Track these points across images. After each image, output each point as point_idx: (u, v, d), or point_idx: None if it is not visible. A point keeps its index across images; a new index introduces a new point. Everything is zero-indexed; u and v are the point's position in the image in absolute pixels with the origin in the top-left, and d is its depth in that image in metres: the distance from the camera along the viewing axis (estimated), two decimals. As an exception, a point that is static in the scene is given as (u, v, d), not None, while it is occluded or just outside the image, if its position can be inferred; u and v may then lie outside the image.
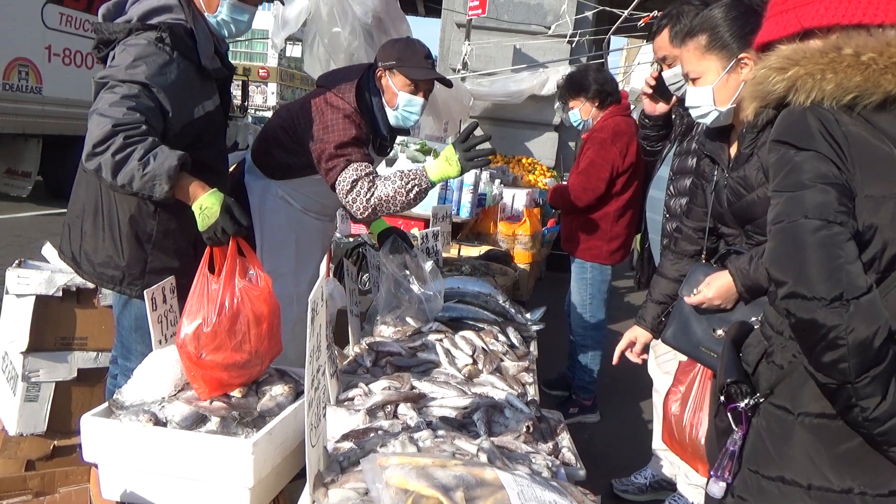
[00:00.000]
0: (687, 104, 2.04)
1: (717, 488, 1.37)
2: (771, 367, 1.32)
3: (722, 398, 1.36)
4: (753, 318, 1.67)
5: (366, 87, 2.53)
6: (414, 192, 2.34)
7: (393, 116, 2.58)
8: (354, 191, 2.35)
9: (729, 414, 1.35)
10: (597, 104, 3.68)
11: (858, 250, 1.12)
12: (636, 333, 2.31)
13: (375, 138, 2.62)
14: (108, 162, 1.77)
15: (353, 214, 2.44)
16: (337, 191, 2.41)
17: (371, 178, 2.37)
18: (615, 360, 2.34)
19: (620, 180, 3.66)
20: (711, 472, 1.39)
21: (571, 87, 3.74)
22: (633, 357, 2.33)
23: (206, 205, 1.84)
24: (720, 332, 1.87)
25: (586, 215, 3.72)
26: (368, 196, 2.34)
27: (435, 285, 2.62)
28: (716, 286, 1.92)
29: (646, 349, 2.37)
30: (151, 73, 1.88)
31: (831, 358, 1.10)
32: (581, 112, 3.70)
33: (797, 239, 1.13)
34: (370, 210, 2.37)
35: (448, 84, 2.67)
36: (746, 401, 1.33)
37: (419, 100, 2.55)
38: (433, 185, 2.37)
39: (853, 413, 1.14)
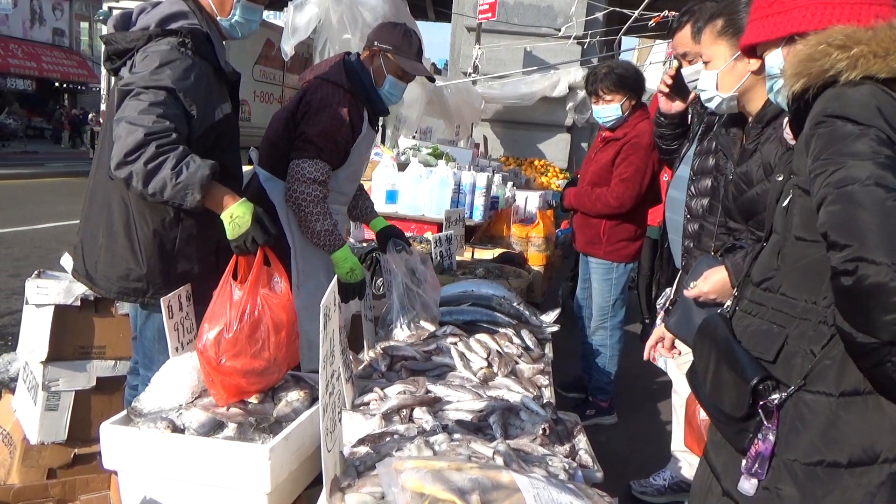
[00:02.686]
0: (698, 87, 2.05)
1: (750, 485, 1.36)
2: (801, 354, 1.31)
3: (750, 399, 1.34)
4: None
5: (352, 70, 2.59)
6: (318, 236, 2.46)
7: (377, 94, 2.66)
8: (305, 186, 2.43)
9: (760, 410, 1.33)
10: (633, 102, 3.65)
11: None
12: (663, 331, 2.30)
13: (373, 116, 2.69)
14: (140, 171, 1.78)
15: (285, 195, 2.50)
16: (292, 172, 2.46)
17: (322, 190, 2.47)
18: (646, 355, 2.34)
19: (652, 183, 3.66)
20: (743, 470, 1.37)
21: (615, 81, 3.60)
22: (664, 353, 2.33)
23: (237, 214, 1.85)
24: None
25: (617, 218, 3.68)
26: (308, 204, 2.44)
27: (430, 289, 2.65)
28: (711, 281, 1.93)
29: (674, 345, 2.36)
30: (176, 78, 1.89)
31: (886, 318, 1.11)
32: (622, 108, 3.63)
33: (862, 205, 1.14)
34: (295, 209, 2.46)
35: (431, 79, 2.87)
36: (779, 395, 1.32)
37: (403, 84, 2.70)
38: (330, 253, 2.50)
39: (884, 368, 1.16)
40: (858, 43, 1.24)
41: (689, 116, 2.93)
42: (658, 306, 2.81)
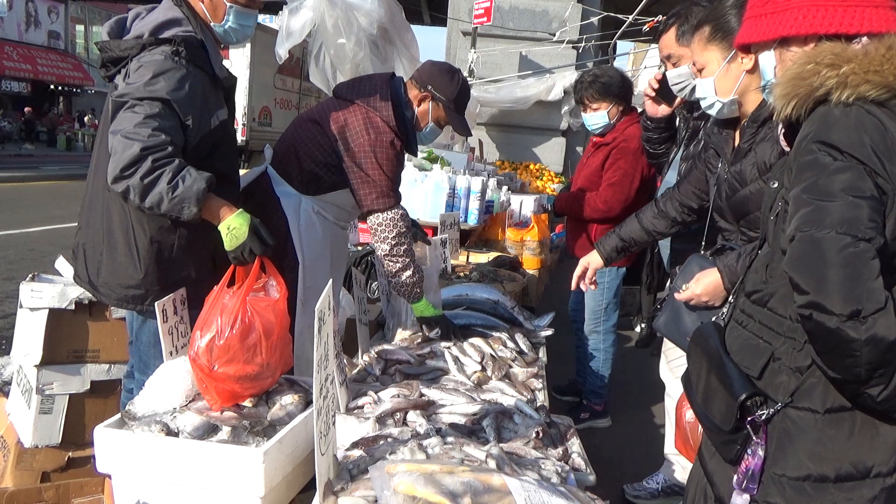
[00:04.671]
0: (696, 95, 2.06)
1: (742, 500, 1.36)
2: (786, 372, 1.31)
3: (738, 414, 1.34)
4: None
5: (398, 105, 2.56)
6: (403, 287, 2.54)
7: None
8: (402, 238, 2.51)
9: (748, 426, 1.33)
10: (621, 108, 3.66)
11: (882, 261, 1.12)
12: (591, 259, 2.45)
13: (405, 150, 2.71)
14: (137, 185, 1.79)
15: (376, 247, 2.55)
16: (383, 226, 2.50)
17: (410, 239, 2.57)
18: (573, 286, 2.49)
19: (644, 187, 3.66)
20: (735, 486, 1.37)
21: (599, 89, 3.62)
22: (584, 286, 2.48)
23: (234, 225, 1.86)
24: None
25: (608, 222, 3.68)
26: (404, 256, 2.52)
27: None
28: (704, 283, 1.94)
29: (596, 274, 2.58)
30: (171, 88, 1.88)
31: (845, 363, 1.13)
32: (608, 114, 3.64)
33: (823, 252, 1.13)
34: (387, 261, 2.52)
35: (469, 134, 2.88)
36: (767, 411, 1.32)
37: (440, 131, 2.74)
38: (411, 302, 2.60)
39: (861, 399, 1.19)
40: (848, 61, 1.23)
41: (676, 120, 2.95)
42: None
